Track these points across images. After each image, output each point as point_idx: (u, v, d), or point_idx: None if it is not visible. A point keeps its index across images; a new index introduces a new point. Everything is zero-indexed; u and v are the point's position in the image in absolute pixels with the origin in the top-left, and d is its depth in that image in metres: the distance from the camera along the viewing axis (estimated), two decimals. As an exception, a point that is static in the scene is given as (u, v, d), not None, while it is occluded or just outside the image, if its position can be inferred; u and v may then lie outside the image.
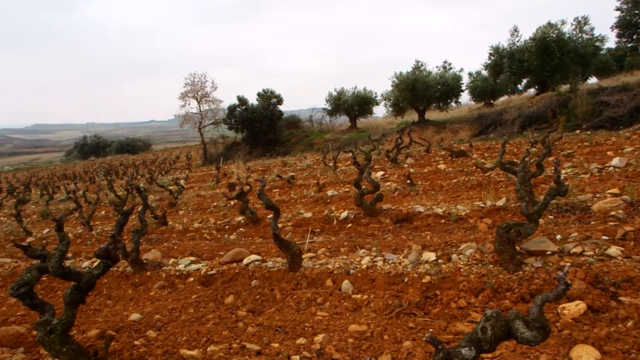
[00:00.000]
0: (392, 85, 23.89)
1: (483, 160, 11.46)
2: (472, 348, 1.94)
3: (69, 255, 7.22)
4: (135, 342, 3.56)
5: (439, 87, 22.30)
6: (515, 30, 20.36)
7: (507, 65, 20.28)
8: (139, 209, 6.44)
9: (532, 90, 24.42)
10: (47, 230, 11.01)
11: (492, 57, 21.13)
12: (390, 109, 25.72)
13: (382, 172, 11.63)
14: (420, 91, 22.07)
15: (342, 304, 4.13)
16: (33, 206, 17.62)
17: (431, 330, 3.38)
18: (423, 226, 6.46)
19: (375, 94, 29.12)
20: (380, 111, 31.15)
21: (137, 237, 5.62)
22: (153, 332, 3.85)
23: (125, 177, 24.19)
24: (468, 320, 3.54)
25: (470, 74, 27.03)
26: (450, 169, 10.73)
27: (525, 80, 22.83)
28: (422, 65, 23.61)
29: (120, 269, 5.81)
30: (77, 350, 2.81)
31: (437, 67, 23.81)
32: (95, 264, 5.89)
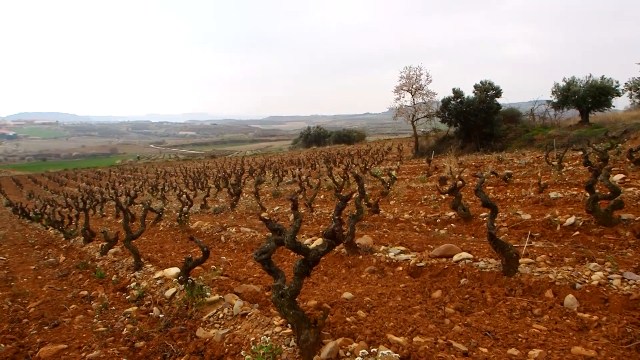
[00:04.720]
0: (641, 72, 19.97)
1: None
2: None
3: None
4: (347, 319, 3.84)
5: None
6: None
7: None
8: (355, 196, 6.87)
9: None
10: (277, 207, 12.67)
11: None
12: (637, 101, 21.49)
13: (621, 176, 9.92)
14: (684, 78, 17.91)
15: (563, 321, 3.69)
16: (267, 186, 20.53)
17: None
18: (679, 245, 5.30)
19: (617, 82, 24.69)
20: (620, 103, 26.24)
21: (353, 222, 6.02)
22: (363, 312, 4.09)
23: (342, 165, 26.10)
24: None
25: None
26: None
27: None
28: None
29: (336, 250, 6.32)
30: (301, 315, 3.17)
31: None
32: (316, 242, 6.53)
